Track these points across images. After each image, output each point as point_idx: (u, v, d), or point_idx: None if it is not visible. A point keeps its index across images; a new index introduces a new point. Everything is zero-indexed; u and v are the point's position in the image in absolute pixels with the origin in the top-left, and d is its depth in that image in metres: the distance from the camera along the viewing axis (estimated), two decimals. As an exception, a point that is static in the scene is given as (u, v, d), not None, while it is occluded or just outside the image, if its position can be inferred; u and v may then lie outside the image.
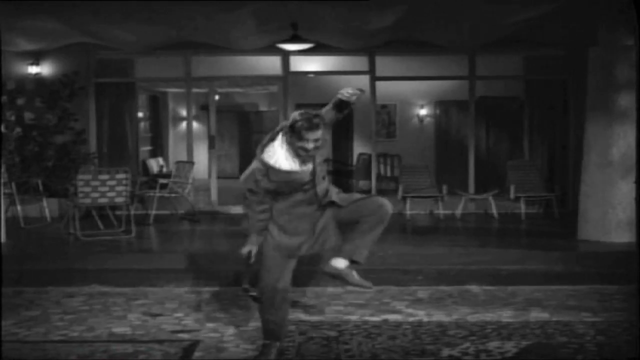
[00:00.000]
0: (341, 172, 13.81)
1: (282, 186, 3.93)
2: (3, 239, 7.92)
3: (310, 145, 3.81)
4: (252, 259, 4.06)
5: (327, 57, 11.34)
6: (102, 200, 8.42)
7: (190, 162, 10.93)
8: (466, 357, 4.48)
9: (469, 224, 9.80)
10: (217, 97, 13.61)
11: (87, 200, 8.37)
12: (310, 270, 6.63)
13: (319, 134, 3.82)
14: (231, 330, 5.13)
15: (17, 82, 10.43)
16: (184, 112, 15.78)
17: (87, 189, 8.29)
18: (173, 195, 10.21)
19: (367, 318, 5.39)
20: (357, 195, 4.22)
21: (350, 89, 3.97)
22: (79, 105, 10.52)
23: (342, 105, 4.02)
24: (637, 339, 4.44)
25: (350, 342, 4.75)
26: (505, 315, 5.48)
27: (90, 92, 10.77)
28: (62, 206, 9.96)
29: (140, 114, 12.89)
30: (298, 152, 3.84)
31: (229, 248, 8.11)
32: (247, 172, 4.04)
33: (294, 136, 3.82)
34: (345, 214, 4.07)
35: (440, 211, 10.24)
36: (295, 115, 3.88)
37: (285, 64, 10.94)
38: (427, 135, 14.26)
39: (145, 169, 14.26)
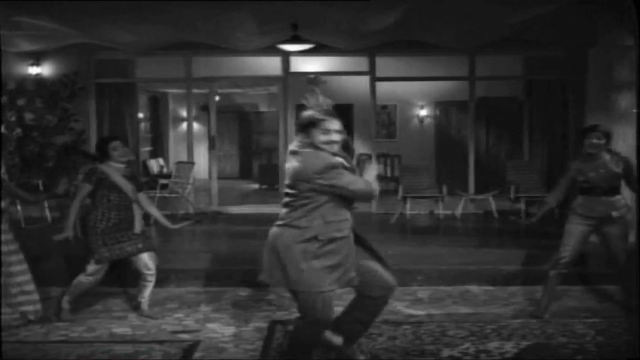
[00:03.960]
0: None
1: None
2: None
3: (335, 137, 3.78)
4: None
5: (327, 58, 11.35)
6: (103, 201, 8.39)
7: (191, 163, 10.93)
8: (466, 358, 4.48)
9: (469, 224, 9.80)
10: (217, 98, 13.61)
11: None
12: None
13: (339, 125, 3.80)
14: (231, 330, 5.14)
15: (18, 82, 10.43)
16: (184, 113, 15.78)
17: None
18: (173, 195, 10.21)
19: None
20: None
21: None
22: (80, 106, 10.52)
23: None
24: (637, 339, 4.44)
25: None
26: (505, 316, 5.49)
27: (91, 92, 10.77)
28: (62, 207, 9.96)
29: (140, 115, 12.89)
30: (322, 145, 3.76)
31: (229, 248, 8.12)
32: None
33: (317, 132, 3.77)
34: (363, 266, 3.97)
35: (440, 211, 10.24)
36: (315, 114, 3.86)
37: (285, 64, 10.95)
38: (427, 135, 14.27)
39: (146, 170, 14.27)
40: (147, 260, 5.48)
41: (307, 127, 3.80)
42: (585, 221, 5.35)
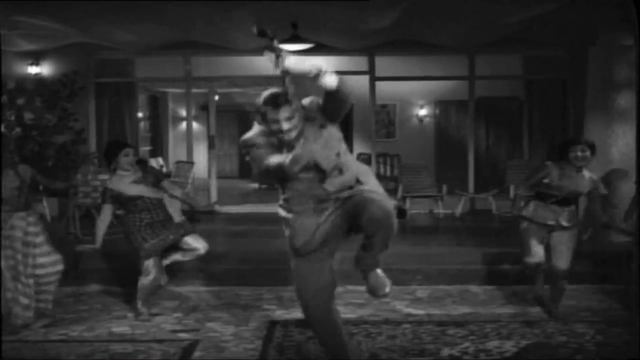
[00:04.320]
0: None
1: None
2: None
3: (285, 126, 3.55)
4: None
5: (326, 57, 11.29)
6: (102, 200, 8.41)
7: (190, 162, 10.92)
8: (466, 357, 4.48)
9: (468, 224, 9.80)
10: (216, 97, 13.61)
11: (87, 200, 8.37)
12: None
13: (288, 111, 3.57)
14: (231, 330, 5.13)
15: (17, 82, 10.41)
16: (183, 112, 15.77)
17: (87, 189, 8.30)
18: (173, 195, 10.20)
19: (367, 318, 5.40)
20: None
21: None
22: (79, 105, 10.50)
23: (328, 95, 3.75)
24: (637, 339, 4.44)
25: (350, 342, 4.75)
26: (505, 315, 5.49)
27: (90, 92, 10.76)
28: (62, 206, 9.95)
29: (140, 114, 12.89)
30: (277, 136, 3.59)
31: (228, 248, 8.11)
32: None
33: (266, 121, 3.63)
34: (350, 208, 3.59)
35: (440, 211, 10.24)
36: (258, 100, 3.77)
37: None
38: (427, 135, 14.26)
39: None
40: (194, 241, 5.61)
41: (260, 115, 3.71)
42: (537, 226, 5.32)
